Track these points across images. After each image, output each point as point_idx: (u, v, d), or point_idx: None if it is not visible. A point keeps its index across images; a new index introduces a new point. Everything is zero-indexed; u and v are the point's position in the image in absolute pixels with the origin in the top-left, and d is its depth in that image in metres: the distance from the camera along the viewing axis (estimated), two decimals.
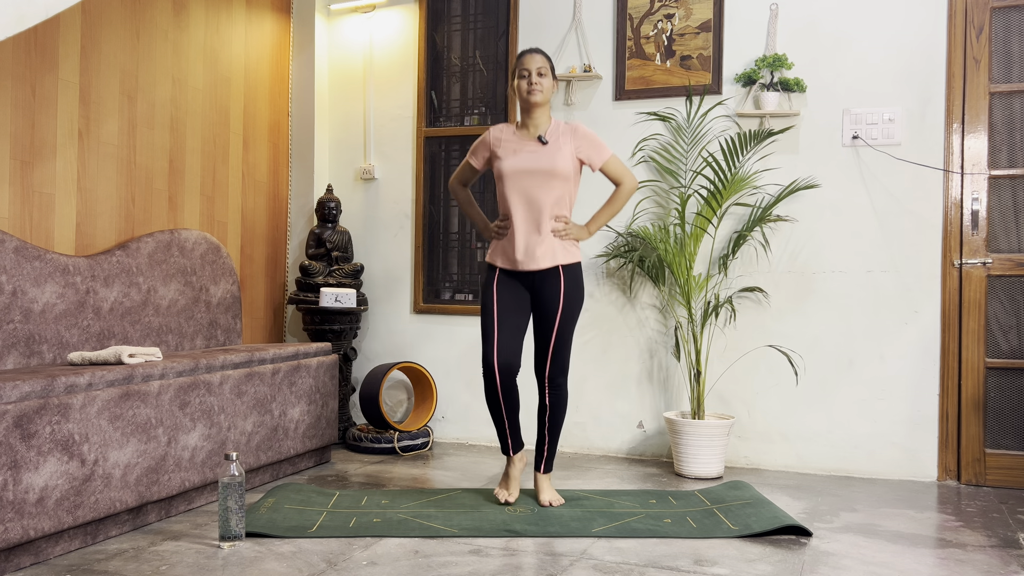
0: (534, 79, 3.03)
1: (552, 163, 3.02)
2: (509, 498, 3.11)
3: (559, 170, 3.02)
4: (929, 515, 3.12)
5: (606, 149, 3.12)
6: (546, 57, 3.08)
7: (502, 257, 3.10)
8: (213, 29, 4.08)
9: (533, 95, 3.04)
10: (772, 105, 3.84)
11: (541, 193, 3.02)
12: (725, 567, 2.49)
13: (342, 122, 4.73)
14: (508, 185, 3.05)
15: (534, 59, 3.06)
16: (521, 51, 3.16)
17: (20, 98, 3.10)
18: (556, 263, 3.04)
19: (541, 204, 3.02)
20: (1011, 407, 3.61)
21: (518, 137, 3.10)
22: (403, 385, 4.59)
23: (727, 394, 3.96)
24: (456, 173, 3.33)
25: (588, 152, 3.09)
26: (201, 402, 3.09)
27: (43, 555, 2.50)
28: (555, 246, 3.05)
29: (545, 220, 3.03)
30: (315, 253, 4.45)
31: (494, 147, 3.13)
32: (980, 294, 3.64)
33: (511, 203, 3.06)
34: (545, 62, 3.06)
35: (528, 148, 3.06)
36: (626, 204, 3.26)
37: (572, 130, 3.09)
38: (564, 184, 3.05)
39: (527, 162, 3.04)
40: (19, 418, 2.38)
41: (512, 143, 3.09)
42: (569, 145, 3.06)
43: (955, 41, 3.68)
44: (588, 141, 3.09)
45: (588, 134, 3.10)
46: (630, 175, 3.15)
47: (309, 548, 2.62)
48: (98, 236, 3.44)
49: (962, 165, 3.68)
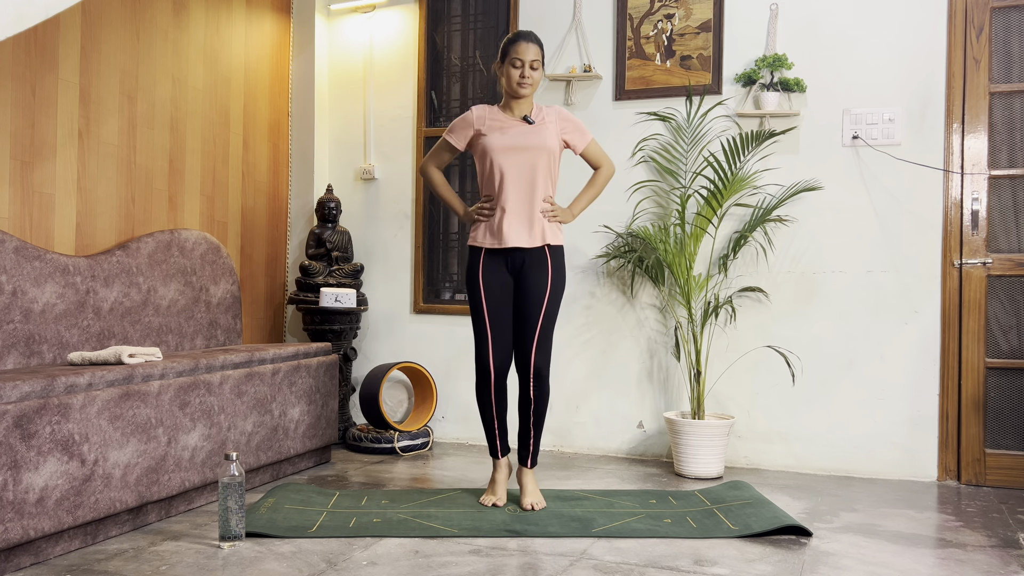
0: (527, 72, 3.00)
1: (542, 140, 3.02)
2: (497, 502, 3.10)
3: (549, 147, 3.03)
4: (929, 515, 3.12)
5: (588, 133, 3.16)
6: (540, 47, 3.03)
7: (489, 236, 3.05)
8: (213, 29, 4.08)
9: (523, 88, 3.02)
10: (772, 105, 3.84)
11: (532, 170, 3.01)
12: (725, 567, 2.49)
13: (342, 122, 4.73)
14: (496, 162, 3.02)
15: (529, 49, 3.00)
16: (516, 34, 3.06)
17: (20, 98, 3.10)
18: (546, 242, 3.04)
19: (532, 181, 3.01)
20: (1011, 407, 3.61)
21: (502, 116, 3.08)
22: (403, 385, 4.59)
23: (727, 394, 3.96)
24: (430, 154, 3.24)
25: (572, 134, 3.12)
26: (201, 402, 3.09)
27: (43, 555, 2.50)
28: (544, 225, 3.04)
29: (537, 197, 3.02)
30: (315, 253, 4.45)
31: (478, 125, 3.08)
32: (980, 294, 3.64)
33: (499, 180, 3.02)
34: (539, 53, 3.02)
35: (515, 127, 3.05)
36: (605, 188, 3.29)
37: (556, 112, 3.11)
38: (552, 162, 3.06)
39: (516, 139, 3.02)
40: (19, 418, 2.38)
41: (497, 121, 3.07)
42: (555, 125, 3.08)
43: (955, 41, 3.68)
44: (572, 124, 3.13)
45: (571, 117, 3.13)
46: (608, 160, 3.20)
47: (309, 548, 2.62)
48: (98, 236, 3.44)
49: (962, 165, 3.68)
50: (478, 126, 3.08)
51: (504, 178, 3.01)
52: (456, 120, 3.16)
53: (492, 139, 3.03)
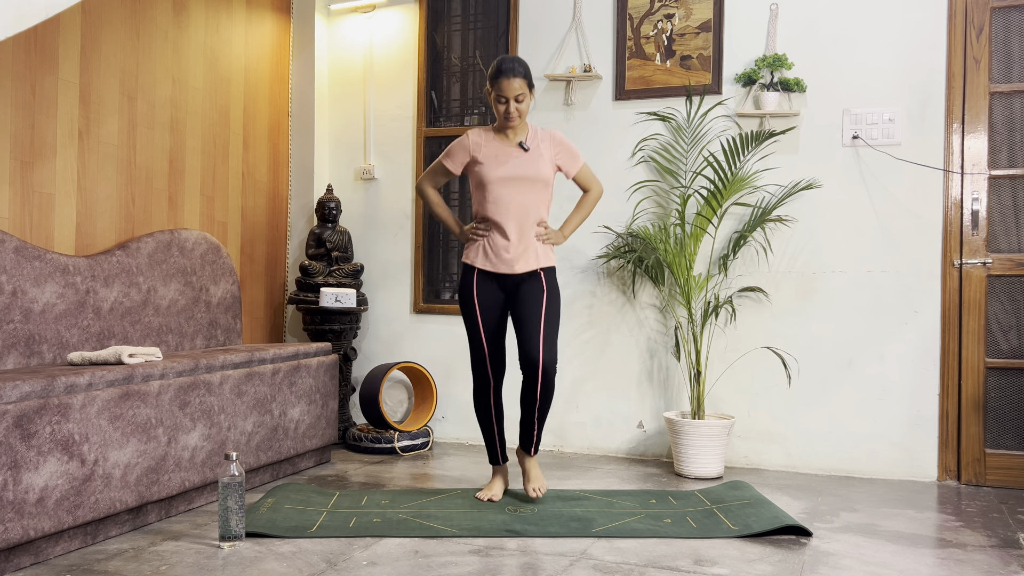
0: (512, 108, 3.03)
1: (536, 170, 3.09)
2: (494, 497, 3.15)
3: (543, 177, 3.11)
4: (929, 515, 3.12)
5: (580, 158, 3.23)
6: (524, 77, 3.02)
7: (483, 259, 3.13)
8: (213, 29, 4.08)
9: (510, 122, 3.07)
10: (772, 105, 3.84)
11: (526, 199, 3.08)
12: (725, 567, 2.49)
13: (342, 122, 4.73)
14: (493, 191, 3.08)
15: (512, 85, 3.00)
16: (498, 69, 3.03)
17: (20, 98, 3.10)
18: (539, 266, 3.12)
19: (526, 210, 3.08)
20: (1011, 407, 3.61)
21: (498, 143, 3.12)
22: (403, 385, 4.59)
23: (727, 394, 3.96)
24: (427, 174, 3.28)
25: (565, 160, 3.19)
26: (201, 402, 3.09)
27: (43, 555, 2.50)
28: (537, 250, 3.12)
29: (530, 225, 3.10)
30: (315, 253, 4.45)
31: (474, 153, 3.13)
32: (980, 294, 3.64)
33: (495, 209, 3.09)
34: (523, 86, 3.02)
35: (511, 155, 3.10)
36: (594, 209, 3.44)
37: (550, 136, 3.16)
38: (546, 190, 3.14)
39: (513, 170, 3.08)
40: (19, 418, 2.38)
41: (493, 149, 3.11)
42: (549, 152, 3.14)
43: (955, 41, 3.68)
44: (565, 149, 3.19)
45: (565, 142, 3.19)
46: (598, 182, 3.30)
47: (309, 548, 2.62)
48: (98, 236, 3.44)
49: (962, 165, 3.68)
50: (474, 152, 3.13)
51: (499, 207, 3.08)
52: (453, 144, 3.20)
53: (488, 169, 3.09)
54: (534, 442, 3.16)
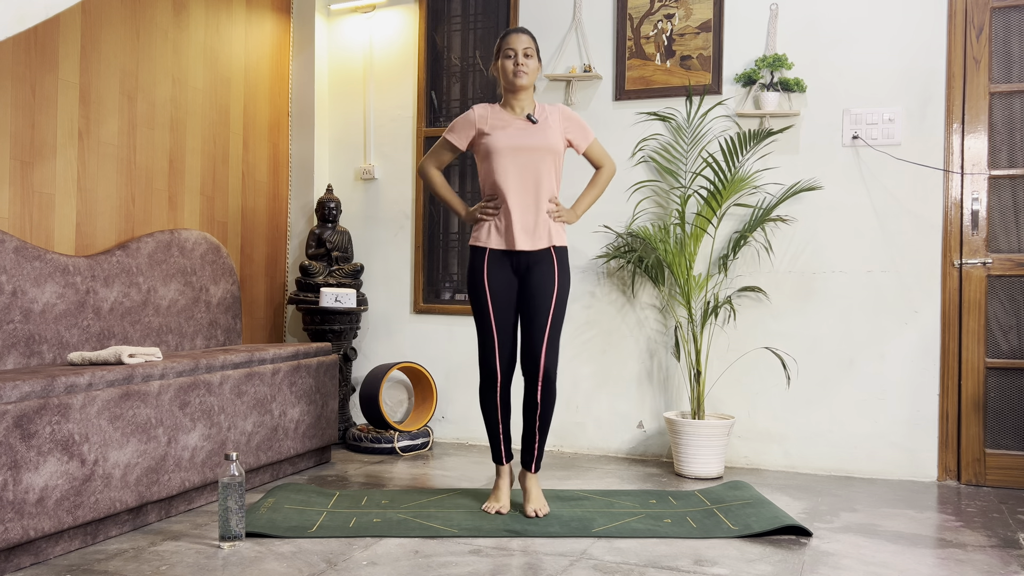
0: (520, 60, 2.95)
1: (546, 140, 2.98)
2: (501, 509, 3.02)
3: (553, 147, 2.99)
4: (929, 515, 3.12)
5: (591, 132, 3.12)
6: (532, 37, 3.01)
7: (495, 236, 3.00)
8: (213, 29, 4.08)
9: (519, 77, 2.96)
10: (772, 105, 3.84)
11: (537, 170, 2.97)
12: (725, 567, 2.49)
13: (342, 122, 4.73)
14: (501, 162, 2.96)
15: (520, 39, 2.97)
16: (505, 30, 3.07)
17: (20, 98, 3.10)
18: (552, 243, 3.00)
19: (538, 181, 2.97)
20: (1011, 407, 3.61)
21: (505, 115, 3.03)
22: (403, 385, 4.59)
23: (727, 394, 3.96)
24: (430, 154, 3.18)
25: (575, 134, 3.08)
26: (201, 402, 3.09)
27: (43, 555, 2.50)
28: (550, 226, 3.00)
29: (543, 198, 2.98)
30: (315, 253, 4.45)
31: (480, 125, 3.03)
32: (980, 294, 3.64)
33: (504, 181, 2.96)
34: (531, 42, 2.99)
35: (518, 126, 3.00)
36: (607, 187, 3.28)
37: (559, 110, 3.07)
38: (556, 162, 3.02)
39: (521, 138, 2.97)
40: (19, 418, 2.38)
41: (500, 121, 3.02)
42: (558, 125, 3.03)
43: (955, 41, 3.68)
44: (575, 123, 3.09)
45: (574, 116, 3.09)
46: (610, 159, 3.17)
47: (309, 548, 2.62)
48: (98, 236, 3.44)
49: (962, 165, 3.68)
50: (480, 125, 3.03)
51: (509, 179, 2.96)
52: (457, 119, 3.10)
53: (496, 139, 2.98)
54: (535, 457, 3.03)
